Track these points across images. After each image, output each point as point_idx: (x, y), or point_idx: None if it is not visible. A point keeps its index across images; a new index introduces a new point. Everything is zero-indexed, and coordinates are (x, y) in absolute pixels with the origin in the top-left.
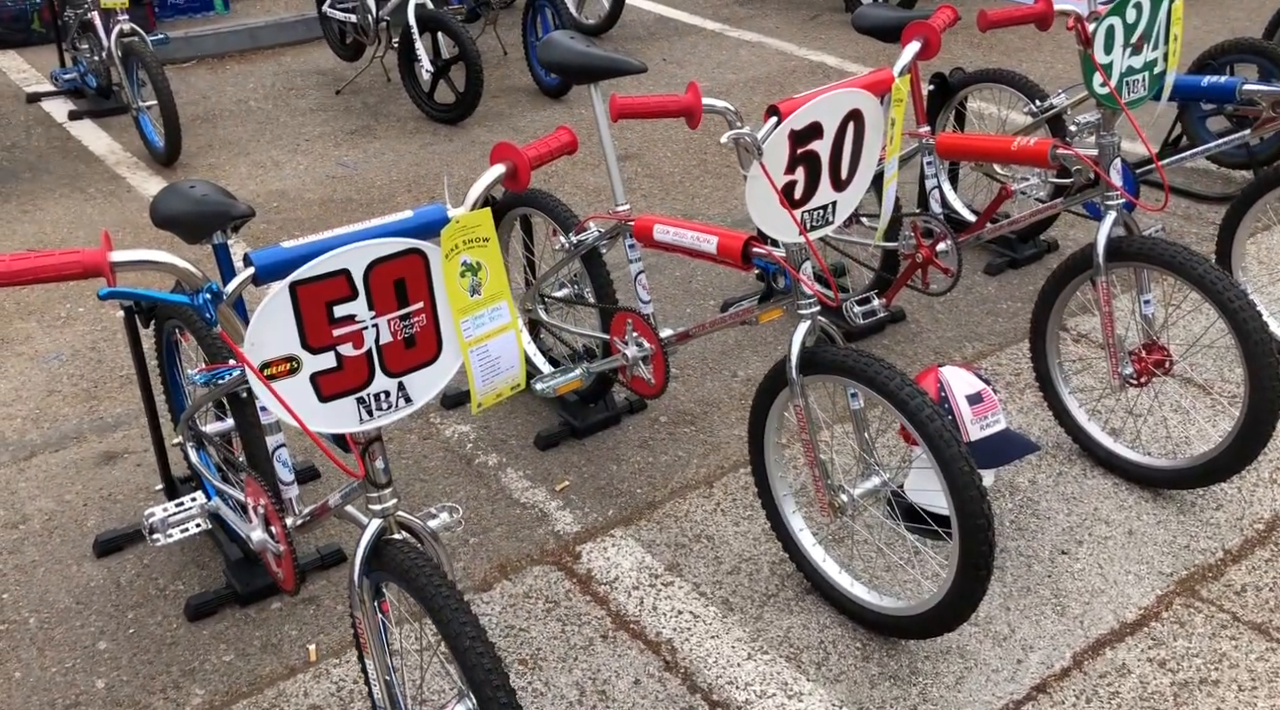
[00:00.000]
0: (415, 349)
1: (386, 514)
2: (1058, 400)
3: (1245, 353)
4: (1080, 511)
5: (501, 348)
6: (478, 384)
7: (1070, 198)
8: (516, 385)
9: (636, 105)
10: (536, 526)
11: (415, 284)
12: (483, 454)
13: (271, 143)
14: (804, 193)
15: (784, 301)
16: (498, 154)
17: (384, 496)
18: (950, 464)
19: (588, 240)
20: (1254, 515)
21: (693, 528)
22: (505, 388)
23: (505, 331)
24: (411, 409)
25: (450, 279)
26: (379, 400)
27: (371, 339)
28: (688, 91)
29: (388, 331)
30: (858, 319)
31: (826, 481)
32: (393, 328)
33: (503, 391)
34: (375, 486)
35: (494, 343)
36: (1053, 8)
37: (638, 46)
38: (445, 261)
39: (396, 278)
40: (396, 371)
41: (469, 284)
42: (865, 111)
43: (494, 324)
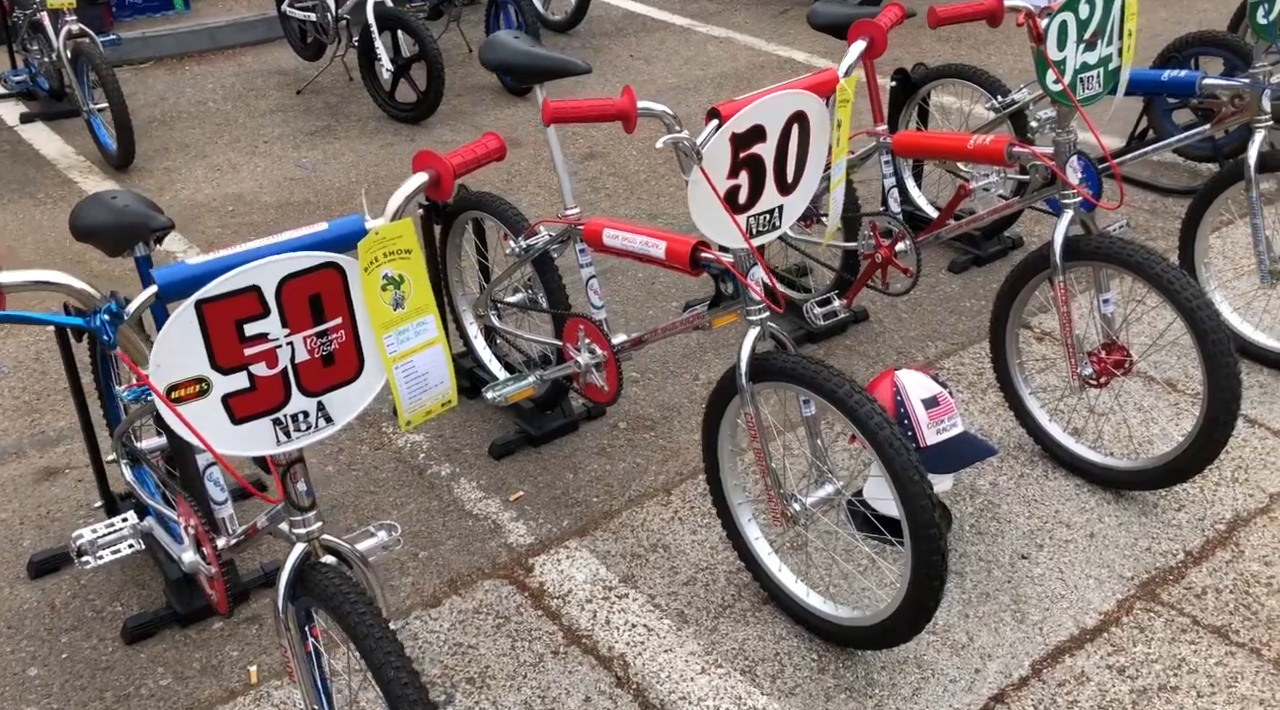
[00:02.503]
0: (334, 367)
1: (310, 538)
2: (1018, 401)
3: (1203, 352)
4: (1041, 514)
5: (429, 363)
6: (404, 401)
7: (1029, 195)
8: (448, 402)
9: (570, 109)
10: (489, 539)
11: (332, 299)
12: (435, 464)
13: (229, 145)
14: (748, 197)
15: (736, 306)
16: (420, 162)
17: (307, 520)
18: (901, 473)
19: (538, 245)
20: (1215, 515)
21: (649, 537)
22: (435, 404)
23: (432, 346)
24: (333, 429)
25: (370, 293)
26: (297, 421)
27: (286, 358)
28: (623, 95)
29: (304, 349)
30: (818, 320)
31: (779, 490)
32: (309, 345)
33: (433, 408)
34: (298, 510)
35: (420, 358)
36: (1003, 4)
37: (605, 42)
38: (364, 275)
39: (312, 293)
40: (315, 390)
41: (391, 298)
42: (810, 113)
43: (420, 339)
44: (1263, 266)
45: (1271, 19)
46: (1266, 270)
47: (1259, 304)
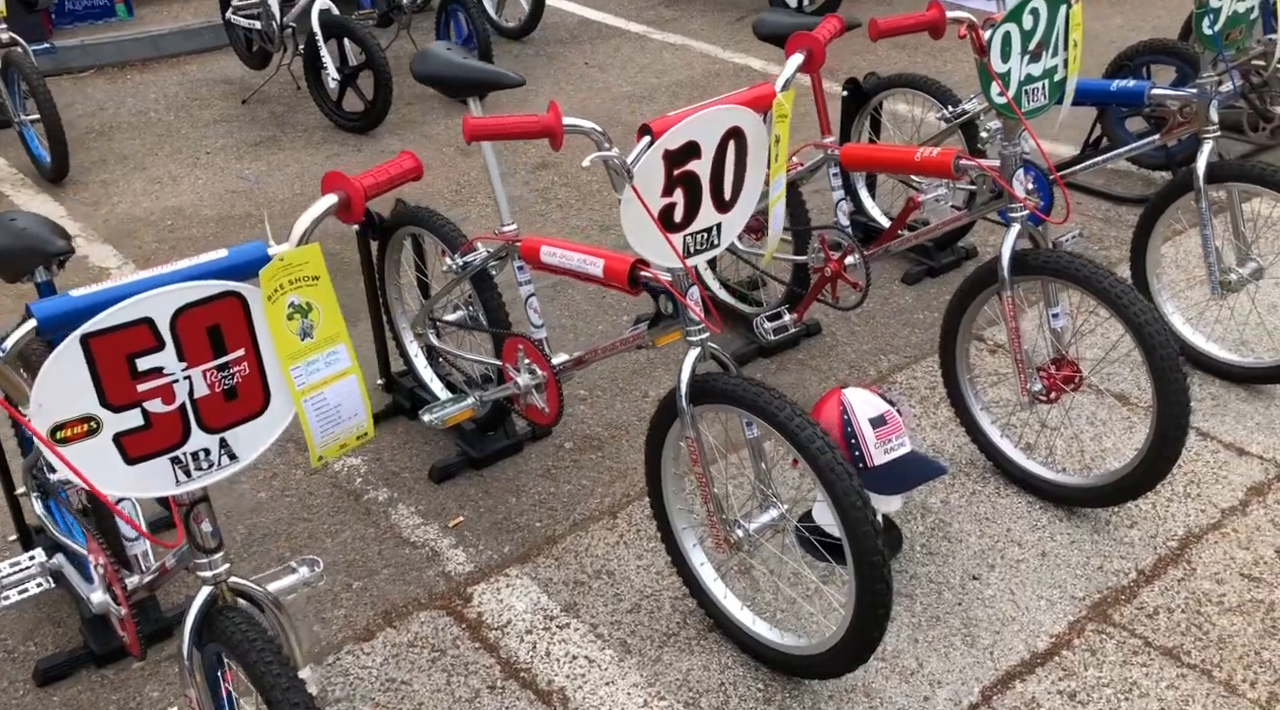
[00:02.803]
0: (238, 401)
1: (218, 581)
2: (969, 417)
3: (1152, 368)
4: (993, 533)
5: (341, 395)
6: (315, 435)
7: (977, 208)
8: (364, 434)
9: (491, 126)
10: (426, 567)
11: (233, 330)
12: (373, 489)
13: (170, 156)
14: (684, 215)
15: (678, 325)
16: (328, 183)
17: (214, 562)
18: (843, 499)
19: (475, 262)
20: (1167, 532)
21: (593, 563)
22: (350, 438)
23: (344, 377)
24: (239, 467)
25: (275, 323)
26: (197, 459)
27: (184, 393)
28: (549, 111)
29: (203, 384)
30: (768, 335)
31: (721, 516)
32: (209, 379)
33: (347, 442)
34: (203, 552)
35: (332, 390)
36: (945, 15)
37: (559, 50)
38: (268, 304)
39: (210, 324)
40: (217, 427)
41: (298, 327)
42: (746, 129)
43: (330, 369)
44: (1213, 278)
45: (1217, 29)
46: (1217, 281)
47: (1211, 314)
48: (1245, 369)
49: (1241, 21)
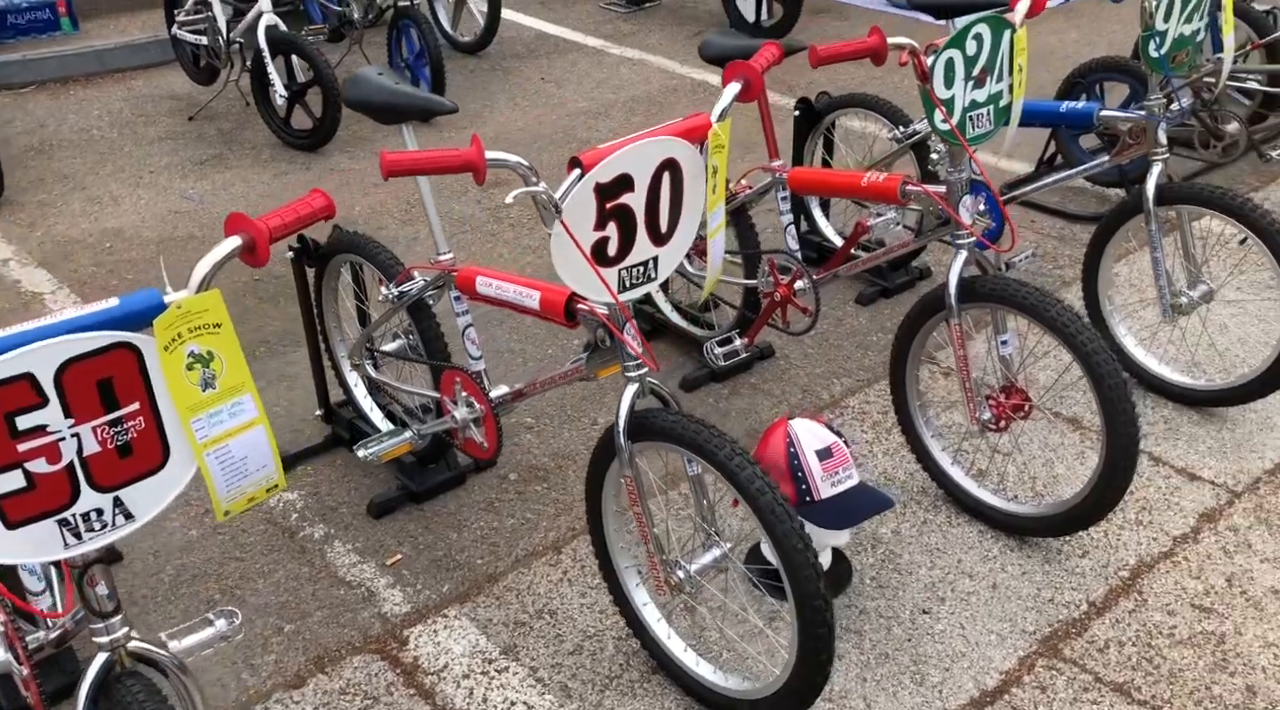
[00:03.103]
0: (133, 457)
1: (115, 646)
2: (920, 444)
3: (1100, 398)
4: (944, 564)
5: (248, 446)
6: (220, 490)
7: (925, 234)
8: (274, 486)
9: (408, 162)
10: (361, 608)
11: (127, 383)
12: (309, 525)
13: (112, 175)
14: (619, 250)
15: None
16: (231, 225)
17: (111, 626)
18: (784, 542)
19: (411, 291)
20: (1119, 561)
21: (535, 602)
22: (259, 491)
23: (251, 428)
24: (135, 526)
25: (173, 374)
26: (89, 520)
27: (71, 451)
28: (471, 144)
29: (93, 441)
30: (719, 360)
31: (662, 557)
32: (100, 436)
33: (256, 495)
34: (98, 616)
35: (237, 442)
36: (885, 42)
37: (515, 64)
38: (165, 355)
39: (100, 378)
40: (109, 485)
41: (199, 377)
42: (681, 160)
43: (235, 420)
44: (1164, 301)
45: (1163, 52)
46: (1168, 305)
47: (1164, 335)
48: (1197, 392)
49: (1187, 44)
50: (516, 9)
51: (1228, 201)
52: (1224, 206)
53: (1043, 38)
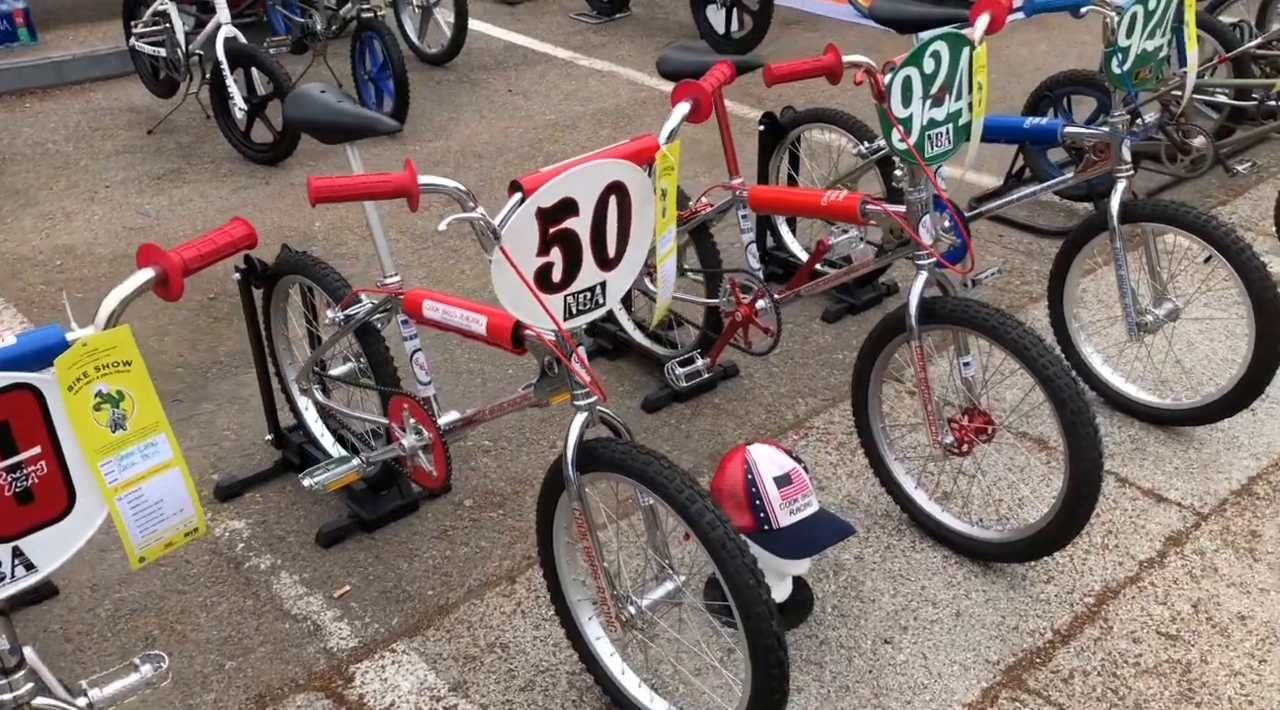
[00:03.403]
0: (34, 504)
1: (19, 703)
2: (883, 467)
3: (1062, 422)
4: (907, 591)
5: (163, 489)
6: (133, 536)
7: (885, 254)
8: (193, 530)
9: (338, 187)
10: (306, 643)
11: (26, 426)
12: (255, 556)
13: (66, 190)
14: (564, 275)
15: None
16: (144, 256)
17: (14, 683)
18: (736, 578)
19: (357, 314)
20: (1085, 587)
21: (487, 635)
22: (177, 535)
23: (166, 470)
24: (38, 577)
25: (78, 416)
26: None
27: None
28: (405, 169)
29: None
30: (680, 381)
31: (613, 592)
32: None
33: (174, 540)
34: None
35: (151, 485)
36: (841, 60)
37: (483, 76)
38: (68, 395)
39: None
40: (8, 534)
41: (108, 418)
42: (628, 183)
43: (149, 462)
44: (1129, 320)
45: (1126, 68)
46: (1134, 323)
47: (1131, 352)
48: (1164, 411)
49: (1151, 60)
50: (485, 20)
51: (1191, 219)
52: (1188, 224)
53: (1012, 49)
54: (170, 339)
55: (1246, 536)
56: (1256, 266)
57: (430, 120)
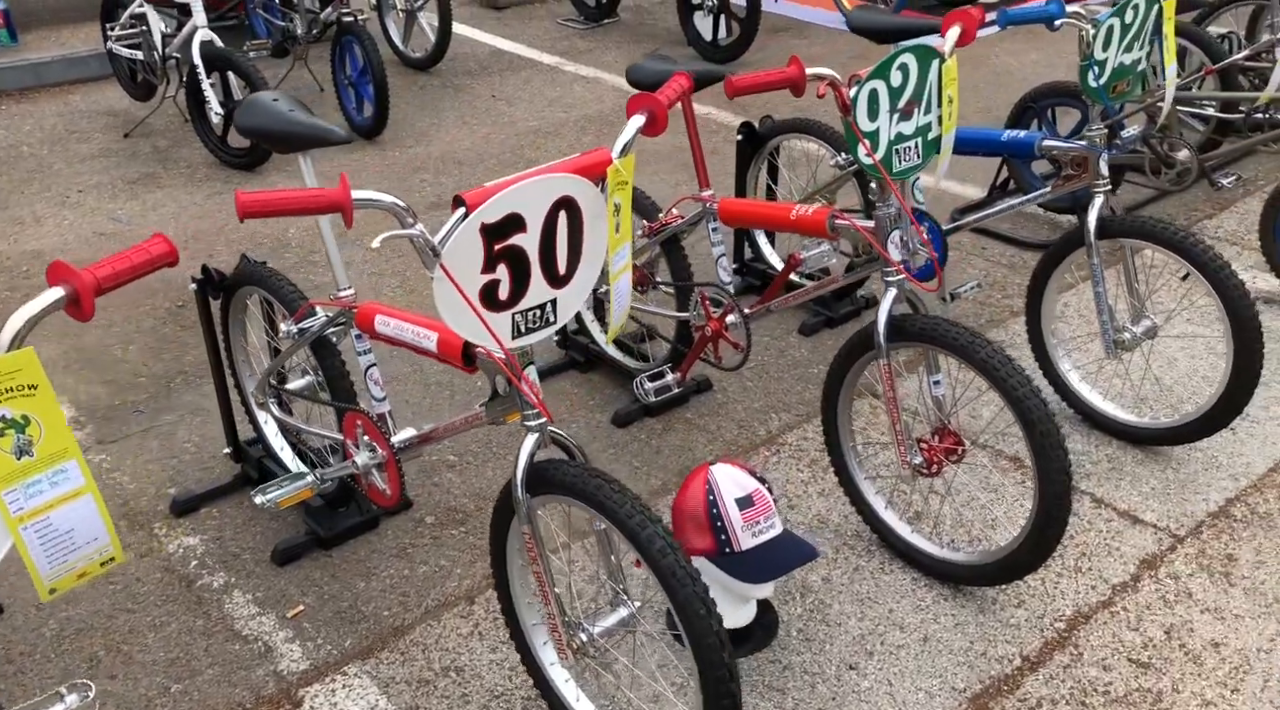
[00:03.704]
0: None
1: None
2: (853, 486)
3: (1032, 445)
4: (874, 615)
5: (74, 518)
6: (42, 567)
7: (856, 270)
8: (109, 560)
9: (265, 203)
10: (256, 665)
11: None
12: (208, 573)
13: (38, 194)
14: (511, 293)
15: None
16: (54, 274)
17: None
18: (686, 607)
19: (312, 328)
20: (1055, 612)
21: (442, 658)
22: (90, 565)
23: (77, 498)
24: None
25: None
26: None
27: None
28: (339, 184)
29: None
30: (649, 396)
31: (563, 618)
32: None
33: (88, 570)
34: None
35: (60, 513)
36: (804, 73)
37: (467, 81)
38: None
39: None
40: None
41: (12, 444)
42: (579, 198)
43: (57, 490)
44: (1106, 337)
45: (1103, 82)
46: (1111, 340)
47: (1110, 369)
48: (1142, 429)
49: (1129, 74)
50: (472, 25)
51: (1169, 235)
52: (1165, 240)
53: (1001, 59)
54: (135, 347)
55: (1222, 560)
56: (1235, 284)
57: (412, 126)
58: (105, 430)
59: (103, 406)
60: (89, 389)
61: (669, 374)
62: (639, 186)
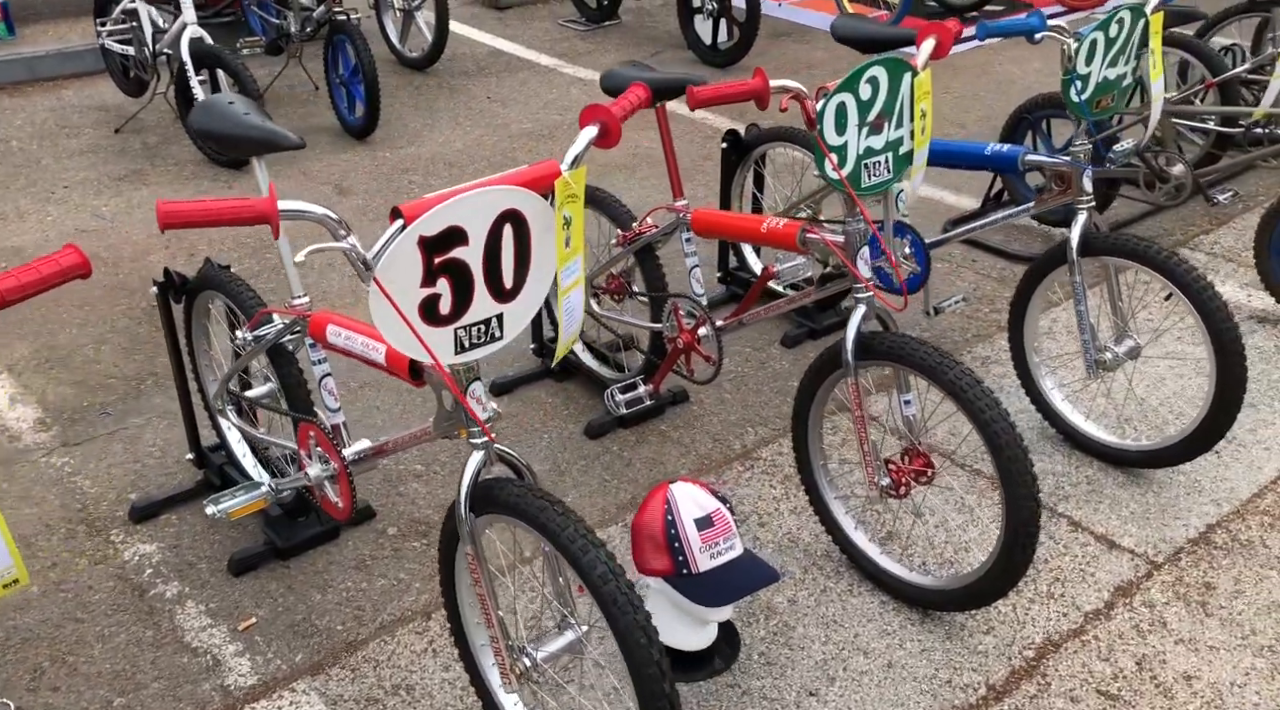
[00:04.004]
0: None
1: None
2: (823, 505)
3: (999, 468)
4: (839, 639)
5: None
6: None
7: (827, 284)
8: (13, 581)
9: (191, 213)
10: (203, 680)
11: None
12: (162, 583)
13: (23, 190)
14: (453, 307)
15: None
16: None
17: None
18: (625, 636)
19: (267, 335)
20: (1025, 639)
21: (393, 675)
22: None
23: None
24: None
25: None
26: None
27: None
28: (268, 194)
29: None
30: (620, 408)
31: (506, 642)
32: None
33: None
34: None
35: None
36: (769, 84)
37: (463, 82)
38: None
39: None
40: None
41: None
42: (525, 211)
43: None
44: (1088, 356)
45: (1085, 97)
46: (1092, 360)
47: (1094, 388)
48: (1123, 451)
49: (1113, 88)
50: (472, 25)
51: (1151, 254)
52: (1148, 259)
53: (1004, 67)
54: (108, 348)
55: (1200, 589)
56: (1217, 306)
57: (405, 126)
58: (71, 432)
59: (70, 408)
60: (57, 390)
61: (641, 386)
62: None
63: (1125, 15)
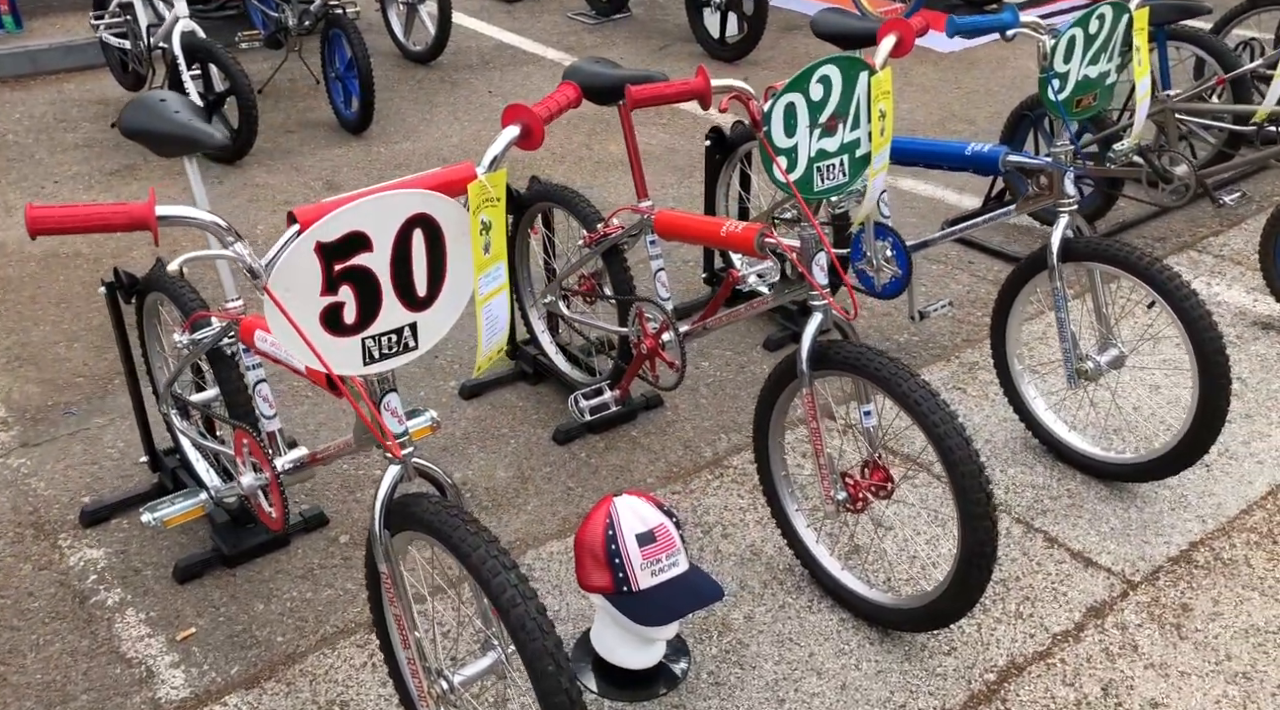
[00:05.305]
0: None
1: None
2: (785, 518)
3: (954, 486)
4: (793, 658)
5: None
6: None
7: (781, 292)
8: None
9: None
10: (134, 692)
11: None
12: (105, 589)
13: (14, 184)
14: (359, 316)
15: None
16: None
17: None
18: (533, 663)
19: (204, 339)
20: (987, 661)
21: (329, 691)
22: None
23: None
24: None
25: None
26: None
27: None
28: (149, 198)
29: None
30: (584, 414)
31: (424, 664)
32: None
33: None
34: None
35: None
36: (709, 84)
37: (465, 76)
38: None
39: None
40: None
41: None
42: (437, 216)
43: None
44: (1069, 366)
45: (1064, 96)
46: (1073, 370)
47: (1079, 397)
48: (1106, 464)
49: (1095, 87)
50: (480, 17)
51: (1134, 260)
52: (1130, 265)
53: (1021, 62)
54: (79, 345)
55: (1176, 610)
56: (1200, 315)
57: (402, 120)
58: (32, 432)
59: (34, 407)
60: (23, 388)
61: (607, 391)
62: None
63: (1107, 11)
